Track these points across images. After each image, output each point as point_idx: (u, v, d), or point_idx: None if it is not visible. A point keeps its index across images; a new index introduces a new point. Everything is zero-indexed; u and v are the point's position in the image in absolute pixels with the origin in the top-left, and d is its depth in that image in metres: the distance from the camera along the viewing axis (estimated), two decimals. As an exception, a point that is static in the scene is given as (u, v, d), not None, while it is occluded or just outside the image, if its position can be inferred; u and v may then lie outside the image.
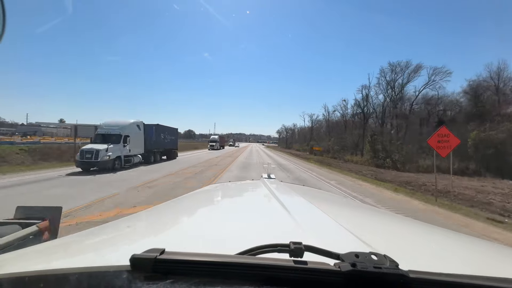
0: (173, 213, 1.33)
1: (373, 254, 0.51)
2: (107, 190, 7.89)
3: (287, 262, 0.48)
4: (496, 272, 0.58)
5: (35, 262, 0.67)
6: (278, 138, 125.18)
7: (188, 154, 30.17)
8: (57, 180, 9.71)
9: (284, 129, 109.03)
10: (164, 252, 0.51)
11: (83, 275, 0.51)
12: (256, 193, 1.77)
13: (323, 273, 0.46)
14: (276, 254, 0.54)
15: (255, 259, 0.52)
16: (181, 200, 1.65)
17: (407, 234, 1.06)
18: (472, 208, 7.62)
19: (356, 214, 1.47)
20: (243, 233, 0.89)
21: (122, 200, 6.81)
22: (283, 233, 0.87)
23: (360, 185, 11.64)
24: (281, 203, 1.22)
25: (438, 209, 7.31)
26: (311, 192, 2.06)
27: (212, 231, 0.91)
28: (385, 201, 8.20)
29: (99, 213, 5.59)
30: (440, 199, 8.62)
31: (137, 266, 0.49)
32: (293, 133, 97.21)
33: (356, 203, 2.19)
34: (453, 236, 1.08)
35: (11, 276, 0.54)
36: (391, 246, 0.83)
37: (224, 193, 1.93)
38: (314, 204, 1.25)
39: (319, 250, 0.52)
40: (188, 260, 0.49)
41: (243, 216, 1.19)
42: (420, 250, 0.85)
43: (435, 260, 0.75)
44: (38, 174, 11.03)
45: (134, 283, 0.47)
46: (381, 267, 0.46)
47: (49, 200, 6.54)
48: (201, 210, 1.44)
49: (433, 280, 0.46)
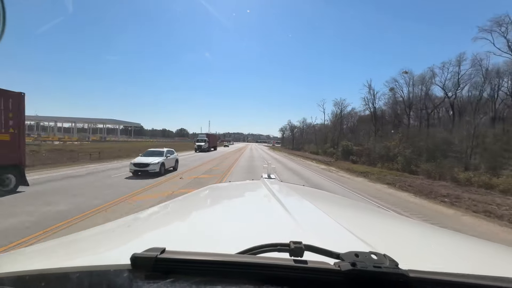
0: (173, 213, 1.34)
1: (373, 253, 0.51)
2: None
3: (287, 261, 0.48)
4: (496, 272, 0.57)
5: (36, 261, 0.68)
6: (282, 137, 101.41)
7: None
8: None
9: (289, 126, 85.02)
10: (165, 251, 0.51)
11: (84, 274, 0.52)
12: (256, 193, 1.78)
13: (323, 272, 0.46)
14: (276, 253, 0.54)
15: (255, 258, 0.52)
16: (182, 200, 1.67)
17: (407, 234, 1.07)
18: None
19: (356, 214, 1.48)
20: (243, 233, 0.89)
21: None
22: (283, 232, 0.87)
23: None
24: (281, 203, 1.22)
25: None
26: (311, 192, 2.07)
27: (212, 231, 0.92)
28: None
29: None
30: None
31: (137, 265, 0.49)
32: (301, 131, 74.45)
33: (356, 203, 2.01)
34: (453, 236, 1.09)
35: (12, 275, 0.54)
36: (391, 245, 0.83)
37: (225, 193, 1.95)
38: (314, 204, 1.25)
39: (319, 250, 0.52)
40: (189, 259, 0.49)
41: (243, 215, 1.20)
42: (420, 250, 0.85)
43: (435, 260, 0.75)
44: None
45: (134, 282, 0.47)
46: (381, 266, 0.46)
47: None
48: (201, 209, 1.44)
49: (433, 279, 0.46)
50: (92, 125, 77.20)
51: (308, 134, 68.61)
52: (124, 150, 27.55)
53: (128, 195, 8.12)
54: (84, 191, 8.33)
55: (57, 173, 12.43)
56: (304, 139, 68.59)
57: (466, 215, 7.55)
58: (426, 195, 10.30)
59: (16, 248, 4.02)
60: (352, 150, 30.12)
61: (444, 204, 8.85)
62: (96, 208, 6.46)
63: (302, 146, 61.41)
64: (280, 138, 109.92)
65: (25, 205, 6.46)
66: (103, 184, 9.80)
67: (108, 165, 16.74)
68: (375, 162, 24.56)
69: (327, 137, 48.01)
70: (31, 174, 11.02)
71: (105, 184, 9.83)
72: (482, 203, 8.78)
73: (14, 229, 4.80)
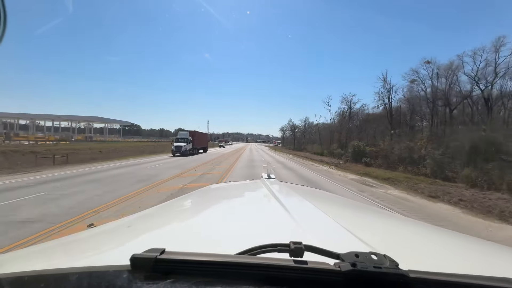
0: (173, 213, 1.33)
1: (373, 254, 0.51)
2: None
3: (287, 262, 0.48)
4: (496, 272, 0.57)
5: (35, 262, 0.68)
6: (282, 137, 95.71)
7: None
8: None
9: (290, 126, 79.44)
10: (164, 252, 0.51)
11: (83, 275, 0.51)
12: (256, 193, 1.77)
13: (323, 272, 0.46)
14: (276, 254, 0.53)
15: (255, 259, 0.52)
16: (181, 200, 1.66)
17: (407, 234, 1.06)
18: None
19: (356, 214, 1.47)
20: (243, 233, 0.89)
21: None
22: (283, 233, 0.87)
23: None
24: (281, 203, 1.22)
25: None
26: (311, 192, 2.06)
27: (212, 231, 0.91)
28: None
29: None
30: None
31: (137, 266, 0.49)
32: (303, 131, 69.17)
33: (356, 203, 1.99)
34: (453, 236, 1.09)
35: (11, 276, 0.54)
36: (391, 246, 0.83)
37: (224, 193, 1.95)
38: (314, 204, 1.25)
39: (319, 250, 0.52)
40: (188, 260, 0.49)
41: (243, 216, 1.19)
42: (420, 250, 0.85)
43: (435, 260, 0.75)
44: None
45: (134, 283, 0.47)
46: (381, 267, 0.46)
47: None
48: (201, 210, 1.43)
49: (433, 280, 0.46)
50: (86, 124, 71.98)
51: (311, 133, 64.31)
52: (105, 153, 23.63)
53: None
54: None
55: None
56: (307, 139, 64.20)
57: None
58: (502, 218, 7.28)
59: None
60: (364, 151, 25.98)
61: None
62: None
63: (304, 147, 57.40)
64: (280, 138, 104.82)
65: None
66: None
67: (57, 173, 11.99)
68: (394, 166, 20.62)
69: (333, 136, 43.24)
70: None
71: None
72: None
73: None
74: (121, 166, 15.76)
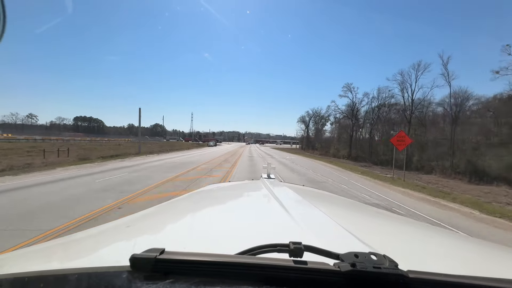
0: (173, 213, 1.32)
1: (372, 254, 0.51)
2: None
3: (286, 262, 0.48)
4: (495, 273, 0.56)
5: (35, 262, 0.68)
6: (302, 136, 71.13)
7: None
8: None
9: (309, 119, 60.93)
10: (164, 252, 0.51)
11: (83, 275, 0.51)
12: (256, 193, 1.76)
13: (323, 273, 0.46)
14: (275, 254, 0.53)
15: (254, 259, 0.51)
16: (181, 200, 1.65)
17: (406, 234, 1.06)
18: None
19: (355, 214, 1.46)
20: (242, 233, 0.89)
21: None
22: (282, 233, 0.86)
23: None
24: (280, 203, 1.21)
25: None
26: (311, 192, 2.04)
27: (212, 231, 0.91)
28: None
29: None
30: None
31: (137, 266, 0.49)
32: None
33: (356, 204, 1.96)
34: (452, 236, 1.09)
35: (10, 276, 0.54)
36: (391, 246, 0.83)
37: (224, 193, 1.93)
38: (313, 204, 1.24)
39: (319, 250, 0.52)
40: (188, 260, 0.49)
41: (243, 216, 1.18)
42: (420, 250, 0.85)
43: (434, 260, 0.75)
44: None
45: (134, 283, 0.47)
46: (380, 267, 0.46)
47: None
48: (200, 210, 1.42)
49: (432, 280, 0.46)
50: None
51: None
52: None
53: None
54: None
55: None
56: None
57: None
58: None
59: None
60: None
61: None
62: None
63: (337, 149, 40.19)
64: (283, 137, 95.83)
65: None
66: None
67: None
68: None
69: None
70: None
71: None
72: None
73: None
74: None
